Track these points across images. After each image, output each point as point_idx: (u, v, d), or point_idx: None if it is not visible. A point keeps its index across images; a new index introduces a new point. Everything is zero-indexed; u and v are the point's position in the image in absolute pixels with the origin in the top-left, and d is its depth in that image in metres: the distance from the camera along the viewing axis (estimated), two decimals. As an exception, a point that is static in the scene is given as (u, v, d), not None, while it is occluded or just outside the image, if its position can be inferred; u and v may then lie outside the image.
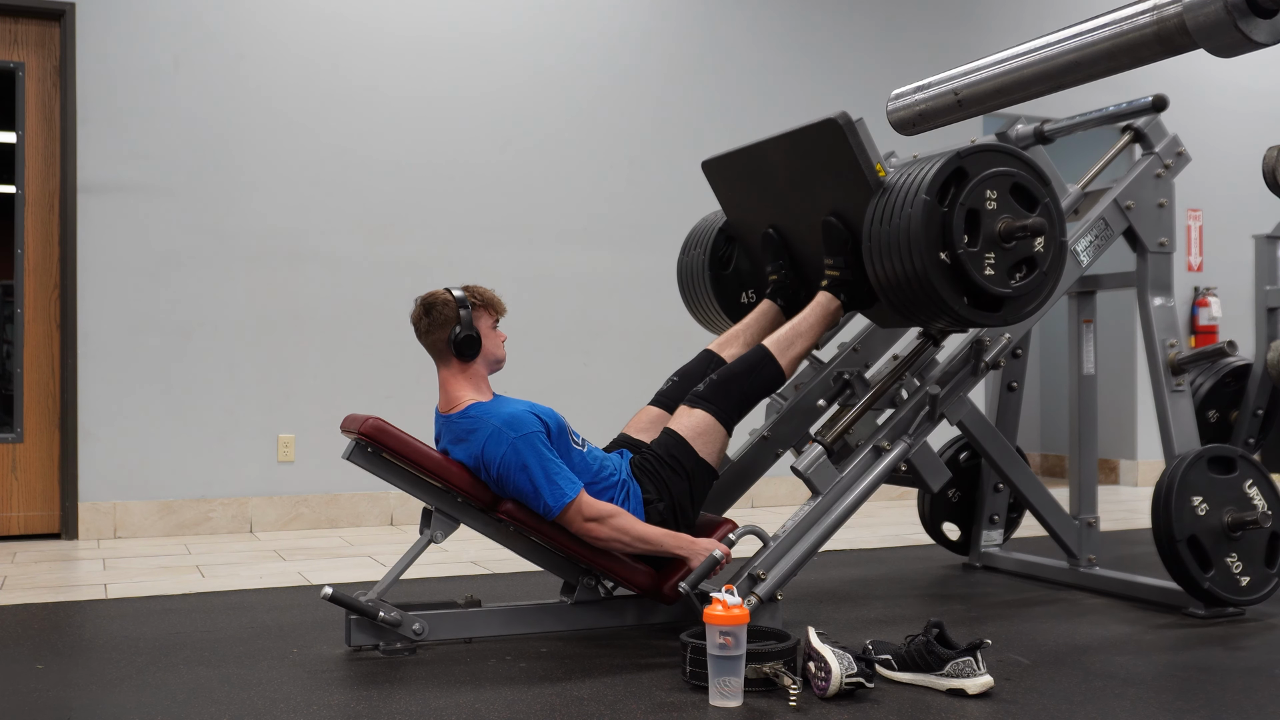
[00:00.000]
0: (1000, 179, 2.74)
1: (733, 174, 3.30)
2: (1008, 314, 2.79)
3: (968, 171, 2.71)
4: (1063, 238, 2.83)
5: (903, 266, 2.68)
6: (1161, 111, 3.36)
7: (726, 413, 2.95)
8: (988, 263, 2.72)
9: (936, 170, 2.68)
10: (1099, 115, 3.44)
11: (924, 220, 2.64)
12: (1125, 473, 6.90)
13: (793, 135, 2.98)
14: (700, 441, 2.91)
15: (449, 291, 2.85)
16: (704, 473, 2.93)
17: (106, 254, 4.73)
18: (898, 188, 2.73)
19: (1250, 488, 3.14)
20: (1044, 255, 2.79)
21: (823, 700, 2.34)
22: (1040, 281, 2.80)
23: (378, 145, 5.15)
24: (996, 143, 2.84)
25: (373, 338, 5.07)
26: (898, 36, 6.18)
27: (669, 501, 2.87)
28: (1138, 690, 2.45)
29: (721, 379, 2.99)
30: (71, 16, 4.70)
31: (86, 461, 4.69)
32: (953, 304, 2.69)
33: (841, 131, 2.81)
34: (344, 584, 3.51)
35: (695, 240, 3.58)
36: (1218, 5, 2.46)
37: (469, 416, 2.79)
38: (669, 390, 3.16)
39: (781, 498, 5.70)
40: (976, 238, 2.71)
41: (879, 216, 2.75)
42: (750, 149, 3.17)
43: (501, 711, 2.29)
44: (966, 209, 2.69)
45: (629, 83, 5.61)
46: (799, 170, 3.02)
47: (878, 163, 2.83)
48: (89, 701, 2.41)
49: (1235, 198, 6.88)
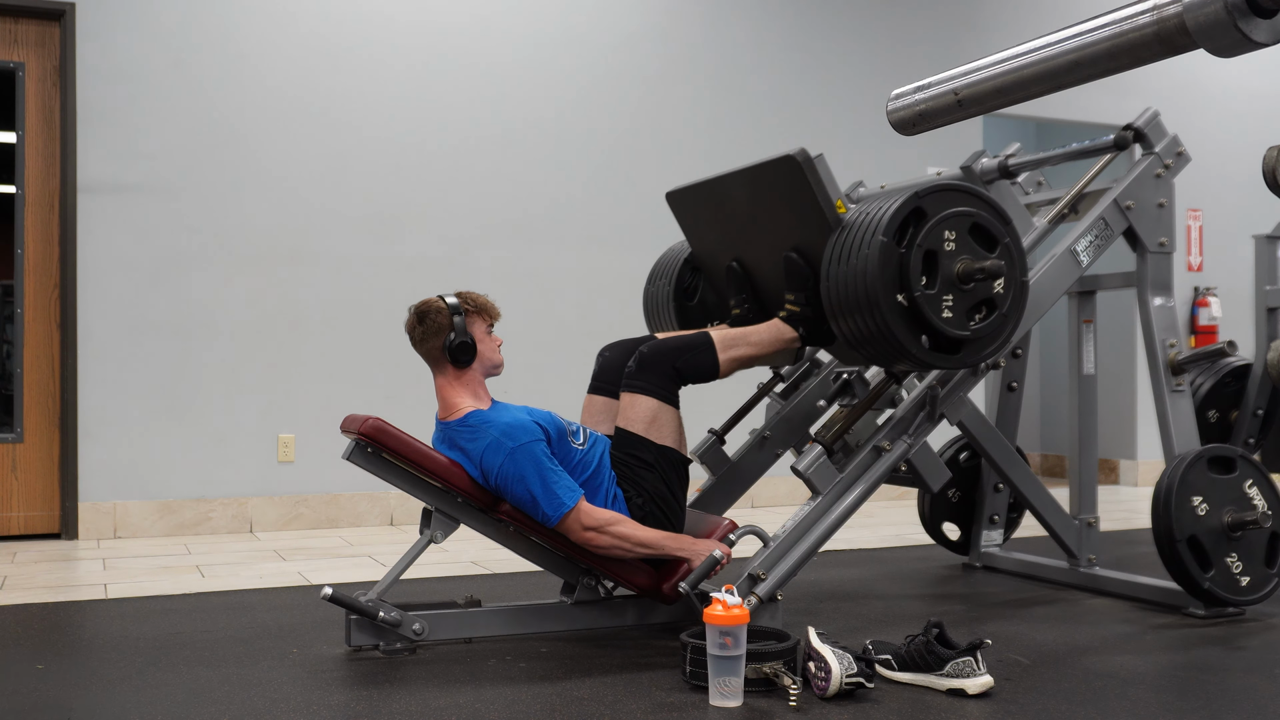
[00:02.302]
0: (959, 219, 2.68)
1: (696, 206, 3.25)
2: (966, 356, 2.74)
3: (926, 211, 2.65)
4: (1024, 277, 2.78)
5: (859, 308, 2.63)
6: (1124, 150, 3.31)
7: (666, 390, 2.86)
8: (945, 305, 2.66)
9: (894, 211, 2.61)
10: (1063, 152, 3.39)
11: (880, 262, 2.58)
12: (1125, 473, 6.90)
13: (753, 170, 2.93)
14: (654, 430, 2.85)
15: (442, 299, 2.83)
16: (669, 458, 2.87)
17: (106, 254, 4.73)
18: (855, 227, 2.67)
19: (1250, 488, 3.14)
20: (1003, 296, 2.73)
21: (823, 700, 2.34)
22: (1000, 323, 2.74)
23: (378, 145, 5.16)
24: (956, 182, 2.76)
25: (373, 338, 5.07)
26: (898, 37, 6.18)
27: (647, 496, 2.84)
28: (1138, 690, 2.45)
29: (653, 353, 2.88)
30: (71, 16, 4.70)
31: (86, 461, 4.69)
32: (910, 347, 2.64)
33: (800, 168, 2.77)
34: (344, 584, 3.51)
35: (661, 271, 3.55)
36: (1218, 5, 2.46)
37: (468, 425, 2.78)
38: (602, 372, 3.09)
39: (781, 498, 5.70)
40: (934, 279, 2.65)
41: (837, 256, 2.69)
42: (712, 182, 3.12)
43: (501, 711, 2.29)
44: (924, 250, 2.62)
45: (629, 83, 5.61)
46: (760, 205, 2.98)
47: (838, 199, 2.78)
48: (89, 701, 2.41)
49: (1235, 198, 6.88)
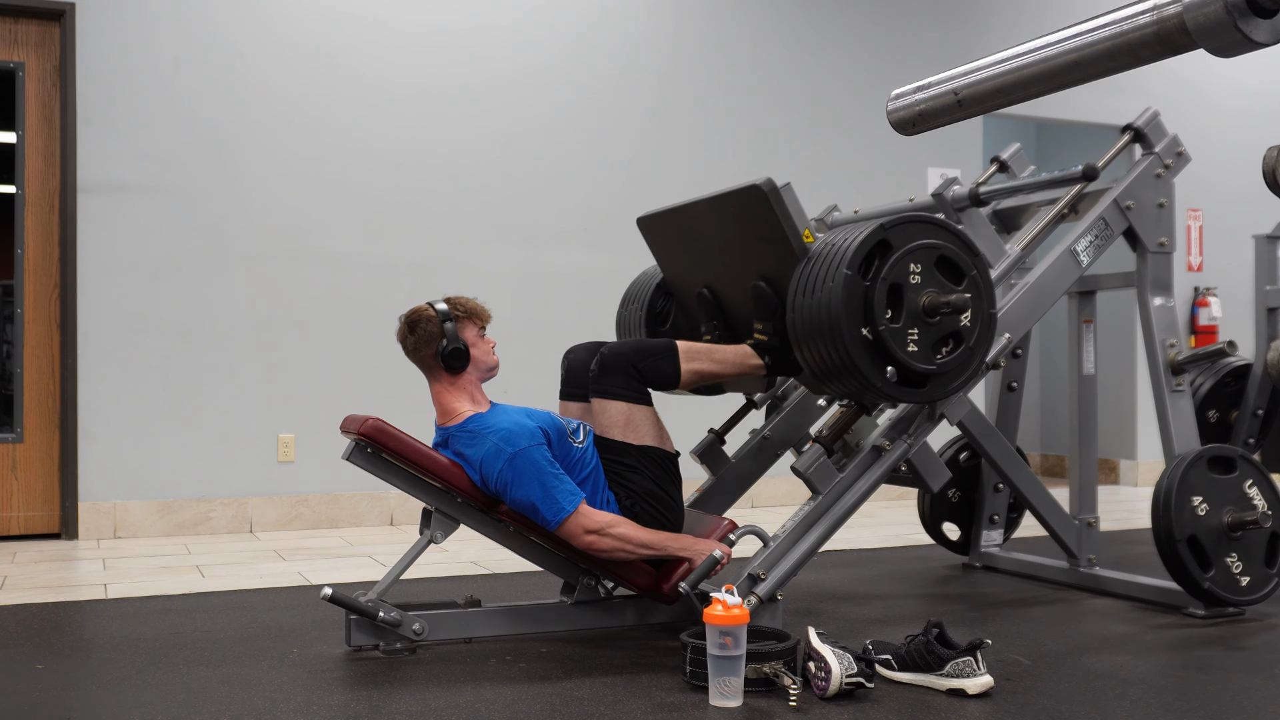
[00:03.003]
0: (926, 251, 2.64)
1: (667, 232, 3.24)
2: (933, 390, 2.71)
3: (892, 244, 2.61)
4: (991, 309, 2.75)
5: (824, 340, 2.60)
6: (1092, 181, 3.24)
7: (632, 390, 2.84)
8: (911, 339, 2.63)
9: (859, 243, 2.58)
10: (1034, 182, 3.32)
11: (844, 295, 2.54)
12: (1125, 473, 6.90)
13: (721, 199, 2.91)
14: (630, 432, 2.84)
15: (431, 306, 2.83)
16: (652, 456, 2.85)
17: (106, 254, 4.73)
18: (821, 258, 2.64)
19: (1250, 488, 3.14)
20: (970, 330, 2.70)
21: (823, 700, 2.34)
22: (966, 357, 2.71)
23: (378, 145, 5.16)
24: (922, 214, 2.73)
25: (373, 338, 5.07)
26: (898, 36, 6.18)
27: (636, 497, 2.83)
28: (1138, 690, 2.45)
29: (613, 355, 2.85)
30: (71, 16, 4.70)
31: (86, 461, 4.69)
32: (874, 380, 2.60)
33: (766, 198, 2.75)
34: (344, 584, 3.51)
35: (633, 295, 3.53)
36: (1218, 5, 2.46)
37: (468, 430, 2.78)
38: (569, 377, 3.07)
39: (781, 498, 5.70)
40: (900, 313, 2.61)
41: (802, 288, 2.66)
42: (682, 209, 3.11)
43: (501, 711, 2.30)
44: (889, 283, 2.59)
45: (629, 82, 5.61)
46: (729, 233, 2.96)
47: (805, 229, 2.75)
48: (89, 701, 2.41)
49: (1235, 198, 6.88)
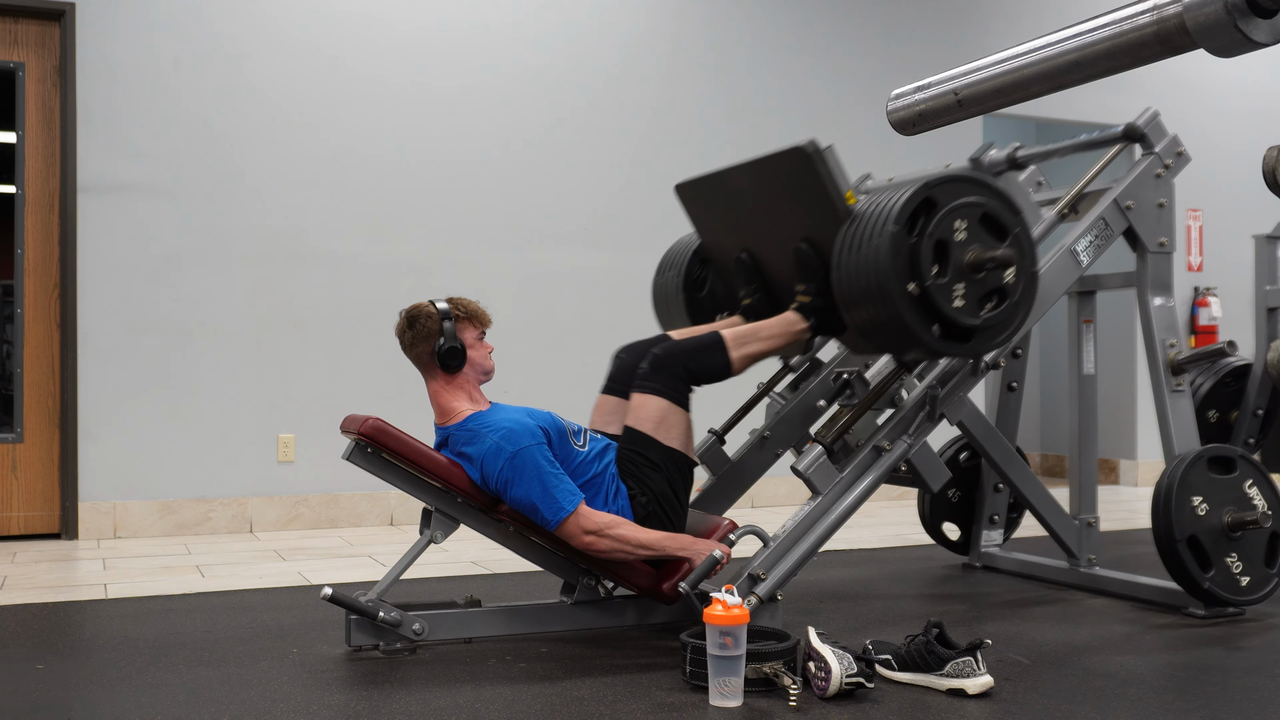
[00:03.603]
0: (970, 209, 2.69)
1: (706, 198, 3.25)
2: (978, 345, 2.75)
3: (937, 201, 2.66)
4: (1034, 267, 2.79)
5: (871, 297, 2.64)
6: (1135, 141, 3.31)
7: (676, 392, 2.87)
8: (956, 294, 2.67)
9: (905, 200, 2.62)
10: (1072, 144, 3.40)
11: (891, 251, 2.58)
12: (1125, 473, 6.90)
13: (762, 162, 2.93)
14: (661, 431, 2.85)
15: (432, 304, 2.83)
16: (675, 460, 2.87)
17: (106, 254, 4.73)
18: (866, 217, 2.68)
19: (1250, 488, 3.14)
20: (1014, 286, 2.74)
21: (823, 700, 2.34)
22: (1010, 312, 2.75)
23: (378, 145, 5.16)
24: (966, 172, 2.78)
25: (373, 338, 5.07)
26: (898, 36, 6.18)
27: (651, 495, 2.84)
28: (1138, 690, 2.45)
29: (665, 355, 2.88)
30: (71, 16, 4.70)
31: (86, 461, 4.69)
32: (921, 335, 2.64)
33: (809, 159, 2.77)
34: (344, 584, 3.51)
35: (670, 263, 3.55)
36: (1218, 5, 2.46)
37: (467, 429, 2.78)
38: (617, 374, 3.09)
39: (781, 498, 5.70)
40: (945, 269, 2.65)
41: (847, 246, 2.69)
42: (722, 174, 3.12)
43: (501, 711, 2.29)
44: (935, 240, 2.63)
45: (629, 82, 5.61)
46: (770, 196, 2.98)
47: (847, 190, 2.78)
48: (89, 701, 2.41)
49: (1235, 198, 6.88)
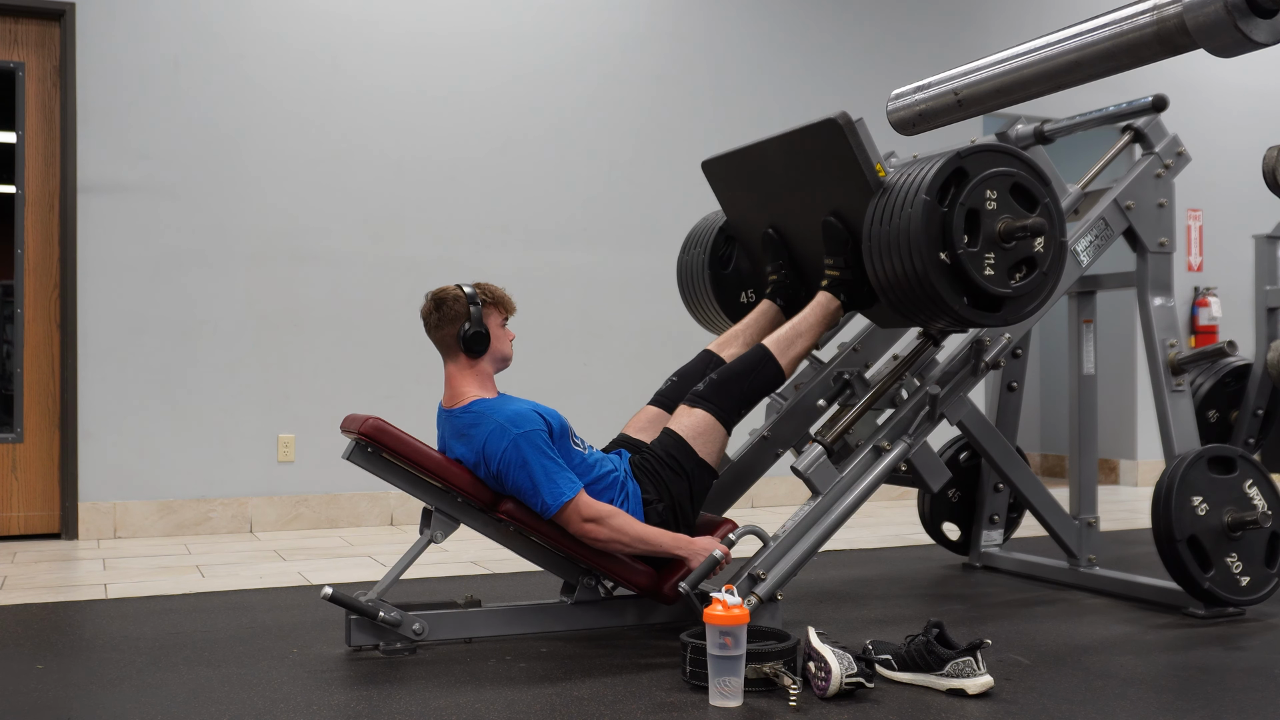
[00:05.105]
0: (1000, 179, 2.74)
1: (732, 174, 3.29)
2: (1008, 314, 2.79)
3: (968, 171, 2.72)
4: (1063, 238, 2.83)
5: (902, 267, 2.68)
6: (1162, 111, 3.37)
7: (726, 412, 2.95)
8: (988, 263, 2.72)
9: (936, 170, 2.68)
10: (1099, 115, 3.44)
11: (924, 220, 2.64)
12: (1125, 473, 6.90)
13: (793, 135, 2.97)
14: (700, 441, 2.92)
15: (460, 288, 2.86)
16: (703, 473, 2.93)
17: (106, 254, 4.73)
18: (898, 188, 2.73)
19: (1250, 488, 3.14)
20: (1044, 255, 2.79)
21: (823, 700, 2.34)
22: (1040, 282, 2.80)
23: (378, 145, 5.16)
24: (996, 143, 2.84)
25: (373, 338, 5.07)
26: (898, 36, 6.18)
27: (668, 502, 2.88)
28: (1138, 690, 2.45)
29: (722, 378, 2.98)
30: (71, 16, 4.70)
31: (86, 461, 4.69)
32: (952, 304, 2.69)
33: (841, 131, 2.81)
34: (344, 584, 3.51)
35: (695, 239, 3.58)
36: (1218, 5, 2.46)
37: (471, 412, 2.80)
38: (668, 390, 3.16)
39: (781, 498, 5.70)
40: (976, 238, 2.71)
41: (879, 217, 2.75)
42: (750, 149, 3.17)
43: (501, 711, 2.29)
44: (966, 209, 2.69)
45: (628, 82, 5.61)
46: (799, 170, 3.02)
47: (878, 163, 2.82)
48: (89, 701, 2.41)
49: (1235, 198, 6.88)
